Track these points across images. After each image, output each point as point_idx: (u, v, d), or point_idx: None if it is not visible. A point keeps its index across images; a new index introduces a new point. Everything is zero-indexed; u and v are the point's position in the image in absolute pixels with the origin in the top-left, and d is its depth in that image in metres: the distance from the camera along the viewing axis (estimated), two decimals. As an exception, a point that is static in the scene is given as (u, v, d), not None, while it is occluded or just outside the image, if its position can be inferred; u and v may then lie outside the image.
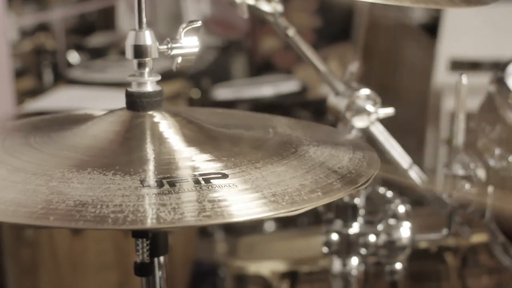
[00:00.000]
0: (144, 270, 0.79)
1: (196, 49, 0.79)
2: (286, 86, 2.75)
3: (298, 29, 1.13)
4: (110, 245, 1.82)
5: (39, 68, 2.83)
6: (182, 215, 0.61)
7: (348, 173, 0.73)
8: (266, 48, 3.77)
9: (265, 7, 1.10)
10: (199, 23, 0.79)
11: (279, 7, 1.11)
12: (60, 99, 2.26)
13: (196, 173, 0.69)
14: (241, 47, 3.80)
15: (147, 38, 0.77)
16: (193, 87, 2.69)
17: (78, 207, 0.62)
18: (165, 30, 3.56)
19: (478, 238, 1.50)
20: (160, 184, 0.66)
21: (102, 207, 0.62)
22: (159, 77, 0.80)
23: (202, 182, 0.67)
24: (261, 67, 3.76)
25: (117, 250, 1.82)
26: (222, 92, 2.71)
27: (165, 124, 0.77)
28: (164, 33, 0.79)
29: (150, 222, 0.60)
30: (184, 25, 0.79)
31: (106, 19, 3.63)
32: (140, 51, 0.77)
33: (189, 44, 0.79)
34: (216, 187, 0.66)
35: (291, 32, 1.11)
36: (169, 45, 0.78)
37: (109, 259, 1.82)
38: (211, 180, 0.68)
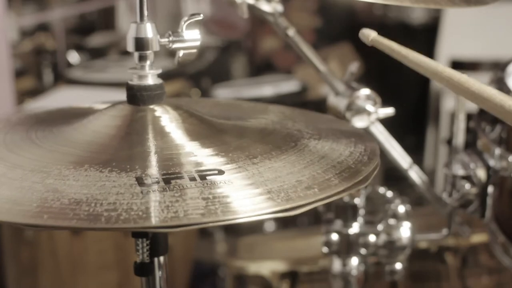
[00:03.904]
0: (144, 270, 0.79)
1: (197, 42, 0.78)
2: (286, 86, 2.75)
3: (298, 29, 1.12)
4: (110, 245, 1.82)
5: (39, 68, 2.83)
6: (175, 214, 0.60)
7: (347, 168, 0.72)
8: (266, 48, 3.76)
9: (265, 7, 1.10)
10: (201, 16, 0.78)
11: (279, 7, 1.11)
12: (60, 99, 2.26)
13: (193, 169, 0.68)
14: (241, 47, 3.79)
15: (148, 30, 0.77)
16: (193, 87, 2.70)
17: (72, 205, 0.61)
18: (165, 30, 3.56)
19: (478, 238, 1.51)
20: (155, 181, 0.66)
21: (96, 205, 0.61)
22: (160, 70, 0.79)
23: (198, 179, 0.66)
24: (261, 67, 3.76)
25: (117, 250, 1.82)
26: (222, 92, 2.71)
27: (166, 118, 0.77)
28: (164, 33, 0.79)
29: (142, 221, 0.59)
30: (185, 18, 0.78)
31: (106, 19, 3.62)
32: (141, 44, 0.77)
33: (190, 37, 0.78)
34: (212, 184, 0.65)
35: (291, 32, 1.11)
36: (171, 38, 0.78)
37: (109, 259, 1.82)
38: (207, 177, 0.67)
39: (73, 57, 3.03)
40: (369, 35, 0.73)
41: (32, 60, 2.84)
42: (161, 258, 0.79)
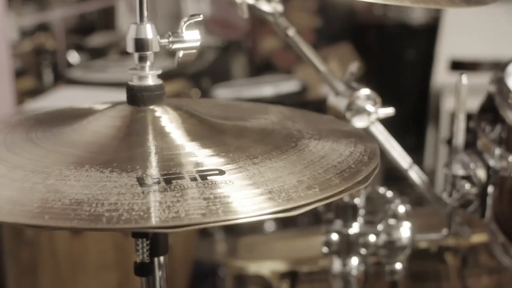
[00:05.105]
0: (144, 270, 0.79)
1: (197, 43, 0.78)
2: (286, 86, 2.75)
3: (298, 29, 1.12)
4: (110, 245, 1.82)
5: (39, 68, 2.83)
6: (176, 214, 0.60)
7: (347, 167, 0.72)
8: (266, 48, 3.76)
9: (265, 7, 1.10)
10: (200, 17, 0.78)
11: (279, 7, 1.11)
12: (60, 99, 2.26)
13: (194, 169, 0.68)
14: (241, 47, 3.79)
15: (148, 31, 0.77)
16: (193, 87, 2.69)
17: (73, 205, 0.61)
18: (165, 30, 3.56)
19: (478, 238, 1.51)
20: (156, 181, 0.66)
21: (97, 206, 0.61)
22: (160, 71, 0.79)
23: (199, 179, 0.66)
24: (261, 67, 3.76)
25: (117, 250, 1.82)
26: (222, 92, 2.71)
27: (166, 119, 0.77)
28: (164, 33, 0.79)
29: (144, 221, 0.59)
30: (185, 19, 0.78)
31: (106, 19, 3.62)
32: (141, 45, 0.77)
33: (190, 38, 0.78)
34: (212, 184, 0.65)
35: (291, 32, 1.11)
36: (171, 39, 0.78)
37: (109, 259, 1.82)
38: (208, 177, 0.67)
39: (73, 57, 3.03)
40: None
41: (32, 60, 2.84)
42: (161, 258, 0.79)
